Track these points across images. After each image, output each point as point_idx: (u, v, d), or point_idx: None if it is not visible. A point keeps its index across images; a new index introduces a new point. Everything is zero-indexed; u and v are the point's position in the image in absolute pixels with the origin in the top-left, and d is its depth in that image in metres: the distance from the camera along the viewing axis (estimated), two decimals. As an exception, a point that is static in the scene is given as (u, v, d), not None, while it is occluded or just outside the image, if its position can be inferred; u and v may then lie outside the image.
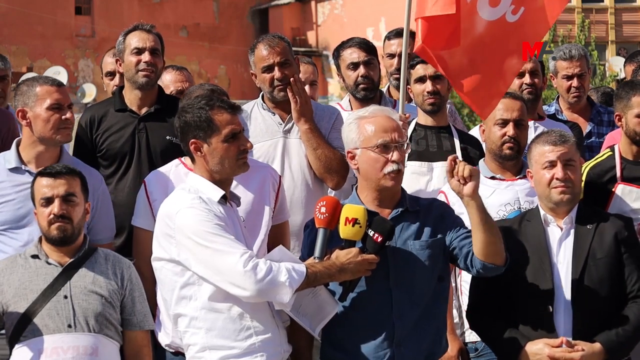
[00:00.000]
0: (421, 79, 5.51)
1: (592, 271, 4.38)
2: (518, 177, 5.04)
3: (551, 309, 4.35)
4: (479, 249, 4.08)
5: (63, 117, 4.77)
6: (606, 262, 4.39)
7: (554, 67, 6.77)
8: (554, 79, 6.81)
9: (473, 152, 5.53)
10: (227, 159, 4.13)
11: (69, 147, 5.74)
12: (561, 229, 4.47)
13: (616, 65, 25.34)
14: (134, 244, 4.91)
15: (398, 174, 4.20)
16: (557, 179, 4.43)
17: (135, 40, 5.50)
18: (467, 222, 4.26)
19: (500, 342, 4.46)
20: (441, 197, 5.00)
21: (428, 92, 5.49)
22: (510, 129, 4.97)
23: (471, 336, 5.04)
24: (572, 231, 4.46)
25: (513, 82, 5.77)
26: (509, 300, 4.44)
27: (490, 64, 5.04)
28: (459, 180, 4.08)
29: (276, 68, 5.28)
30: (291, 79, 5.27)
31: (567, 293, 4.37)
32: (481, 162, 5.13)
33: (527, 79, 5.99)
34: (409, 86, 5.55)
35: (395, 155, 4.17)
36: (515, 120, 5.00)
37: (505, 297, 4.44)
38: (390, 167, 4.17)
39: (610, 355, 4.31)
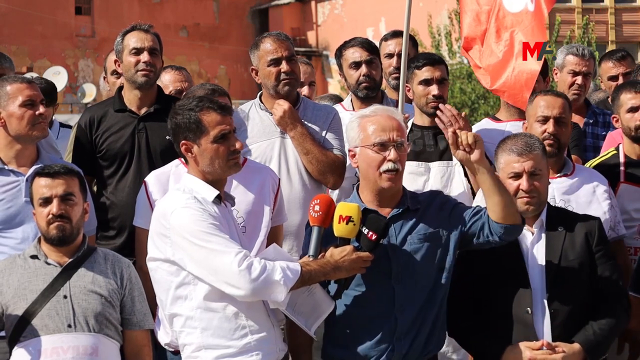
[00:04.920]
0: (427, 82, 5.45)
1: (565, 273, 4.38)
2: (558, 175, 5.02)
3: (530, 311, 4.35)
4: (497, 213, 4.11)
5: (37, 112, 4.80)
6: (579, 263, 4.40)
7: (562, 61, 6.71)
8: (557, 73, 6.77)
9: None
10: (217, 160, 4.10)
11: (68, 147, 5.75)
12: (532, 233, 4.46)
13: (617, 66, 25.26)
14: (136, 244, 4.93)
15: (396, 174, 4.19)
16: (522, 190, 4.42)
17: (134, 40, 5.50)
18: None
19: (480, 348, 4.46)
20: None
21: (434, 96, 5.45)
22: (550, 126, 4.95)
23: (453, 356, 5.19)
24: (544, 235, 4.46)
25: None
26: (487, 305, 4.43)
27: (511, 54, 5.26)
28: (464, 150, 4.12)
29: (284, 62, 5.30)
30: (278, 100, 5.30)
31: (544, 295, 4.37)
32: None
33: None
34: (407, 85, 5.53)
35: (392, 154, 4.16)
36: (556, 118, 4.98)
37: (483, 302, 4.43)
38: (387, 166, 4.17)
39: (589, 355, 4.32)
